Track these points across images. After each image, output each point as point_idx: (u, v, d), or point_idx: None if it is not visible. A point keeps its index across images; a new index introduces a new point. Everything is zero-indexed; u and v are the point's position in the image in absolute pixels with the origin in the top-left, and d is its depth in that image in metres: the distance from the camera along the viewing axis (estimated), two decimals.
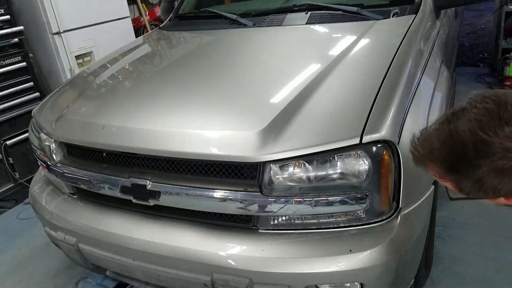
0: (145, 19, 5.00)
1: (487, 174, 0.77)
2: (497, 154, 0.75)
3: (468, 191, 0.82)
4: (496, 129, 0.75)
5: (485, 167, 0.76)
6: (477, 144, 0.76)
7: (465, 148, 0.77)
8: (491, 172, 0.76)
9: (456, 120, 0.80)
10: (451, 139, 0.80)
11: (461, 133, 0.78)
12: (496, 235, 2.23)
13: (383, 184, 1.28)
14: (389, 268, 1.30)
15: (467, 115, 0.79)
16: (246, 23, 2.30)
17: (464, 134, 0.77)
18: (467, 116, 0.79)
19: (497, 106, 0.77)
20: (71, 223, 1.69)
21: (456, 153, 0.79)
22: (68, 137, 1.72)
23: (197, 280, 1.44)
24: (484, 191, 0.80)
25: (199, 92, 1.69)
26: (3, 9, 3.01)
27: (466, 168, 0.79)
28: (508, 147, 0.74)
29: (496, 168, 0.76)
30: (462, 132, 0.78)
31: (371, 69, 1.61)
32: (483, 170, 0.77)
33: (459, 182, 0.82)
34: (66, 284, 2.29)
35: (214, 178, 1.41)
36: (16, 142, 3.13)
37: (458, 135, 0.78)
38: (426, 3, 2.08)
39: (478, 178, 0.78)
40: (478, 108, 0.78)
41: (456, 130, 0.79)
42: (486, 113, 0.77)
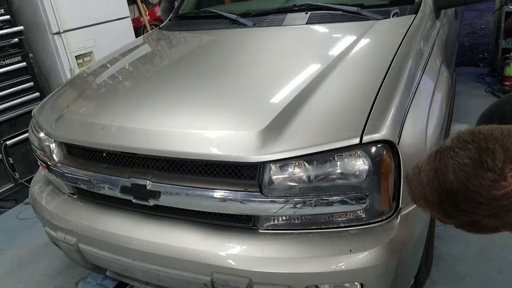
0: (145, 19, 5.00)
1: (481, 220, 0.78)
2: (487, 204, 0.75)
3: (468, 231, 0.84)
4: (480, 179, 0.75)
5: (478, 215, 0.77)
6: (466, 195, 0.76)
7: (455, 198, 0.78)
8: (485, 218, 0.78)
9: (443, 166, 0.80)
10: (441, 189, 0.80)
11: (450, 183, 0.78)
12: (496, 235, 2.22)
13: (383, 184, 1.28)
14: (389, 268, 1.30)
15: (451, 162, 0.79)
16: (246, 23, 2.30)
17: (453, 184, 0.78)
18: (452, 164, 0.79)
19: (479, 153, 0.77)
20: (71, 223, 1.69)
21: (448, 202, 0.80)
22: (68, 137, 1.72)
23: (197, 280, 1.44)
24: (484, 231, 0.82)
25: (199, 92, 1.69)
26: (3, 9, 3.01)
27: (460, 215, 0.80)
28: (496, 196, 0.74)
29: (490, 215, 0.77)
30: (450, 182, 0.78)
31: (371, 69, 1.61)
32: (477, 217, 0.78)
33: (457, 224, 0.84)
34: (66, 284, 2.29)
35: (214, 178, 1.41)
36: (16, 142, 3.13)
37: (448, 185, 0.79)
38: (426, 3, 2.08)
39: (473, 222, 0.80)
40: (460, 155, 0.78)
41: (445, 180, 0.79)
42: (469, 161, 0.77)
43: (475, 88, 4.34)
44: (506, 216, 0.76)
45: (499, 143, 0.76)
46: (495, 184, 0.74)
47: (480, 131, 0.80)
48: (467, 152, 0.78)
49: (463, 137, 0.81)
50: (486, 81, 4.49)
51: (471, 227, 0.82)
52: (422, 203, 0.86)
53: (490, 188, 0.74)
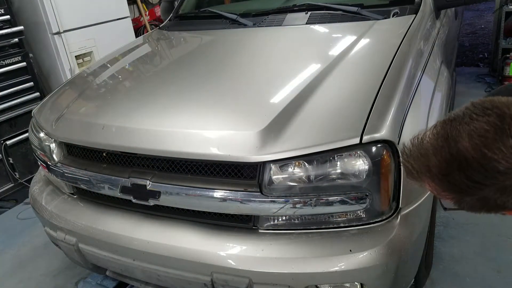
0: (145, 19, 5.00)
1: (493, 194, 0.72)
2: (504, 174, 0.69)
3: (470, 207, 0.77)
4: (501, 146, 0.68)
5: (491, 187, 0.71)
6: (481, 162, 0.70)
7: (469, 167, 0.71)
8: (497, 191, 0.71)
9: (455, 133, 0.73)
10: (451, 157, 0.72)
11: (464, 150, 0.71)
12: (496, 235, 2.23)
13: (383, 184, 1.28)
14: (389, 268, 1.30)
15: (467, 128, 0.72)
16: (246, 23, 2.30)
17: (467, 152, 0.70)
18: (467, 130, 0.72)
19: (500, 119, 0.70)
20: (71, 223, 1.69)
21: (458, 172, 0.72)
22: (68, 137, 1.72)
23: (197, 280, 1.44)
24: (488, 209, 0.76)
25: (199, 92, 1.69)
26: (3, 9, 3.01)
27: (470, 188, 0.73)
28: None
29: (503, 188, 0.71)
30: (464, 149, 0.71)
31: (371, 69, 1.61)
32: (488, 190, 0.71)
33: (461, 199, 0.77)
34: (66, 284, 2.30)
35: (214, 178, 1.41)
36: (16, 142, 3.13)
37: (460, 153, 0.71)
38: (426, 3, 2.08)
39: (482, 197, 0.73)
40: (479, 121, 0.71)
41: (457, 147, 0.71)
42: (490, 127, 0.70)
43: (475, 88, 4.34)
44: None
45: None
46: None
47: (499, 100, 0.73)
48: (487, 117, 0.71)
49: (481, 104, 0.74)
50: (486, 81, 4.49)
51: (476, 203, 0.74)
52: (421, 176, 0.78)
53: (510, 158, 0.68)
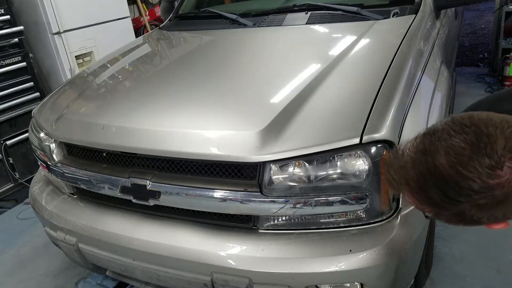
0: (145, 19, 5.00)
1: (468, 210, 0.72)
2: (479, 193, 0.70)
3: (448, 220, 0.78)
4: (476, 165, 0.69)
5: (466, 204, 0.71)
6: (458, 181, 0.70)
7: (445, 184, 0.72)
8: (472, 208, 0.72)
9: (433, 149, 0.73)
10: (428, 173, 0.73)
11: (440, 167, 0.71)
12: (496, 235, 2.23)
13: (383, 184, 1.28)
14: (389, 268, 1.30)
15: (444, 145, 0.72)
16: (246, 23, 2.30)
17: (444, 168, 0.71)
18: (445, 147, 0.72)
19: (477, 138, 0.70)
20: (71, 223, 1.69)
21: (434, 188, 0.73)
22: (68, 137, 1.72)
23: (197, 280, 1.44)
24: (464, 223, 0.76)
25: (199, 92, 1.69)
26: (3, 9, 3.01)
27: (446, 203, 0.73)
28: (490, 185, 0.69)
29: (478, 205, 0.71)
30: (441, 166, 0.71)
31: (371, 69, 1.61)
32: (463, 206, 0.72)
33: (438, 213, 0.77)
34: (66, 284, 2.30)
35: (214, 178, 1.41)
36: (16, 142, 3.13)
37: (437, 169, 0.72)
38: (426, 3, 2.08)
39: (458, 212, 0.74)
40: (456, 138, 0.72)
41: (434, 163, 0.72)
42: (466, 146, 0.70)
43: (475, 88, 4.34)
44: (495, 208, 0.71)
45: (499, 130, 0.70)
46: (491, 171, 0.68)
47: (479, 116, 0.74)
48: (464, 135, 0.71)
49: (460, 120, 0.74)
50: (486, 81, 4.49)
51: (452, 217, 0.75)
52: (400, 188, 0.79)
53: (486, 176, 0.68)
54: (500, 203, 0.71)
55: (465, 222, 0.76)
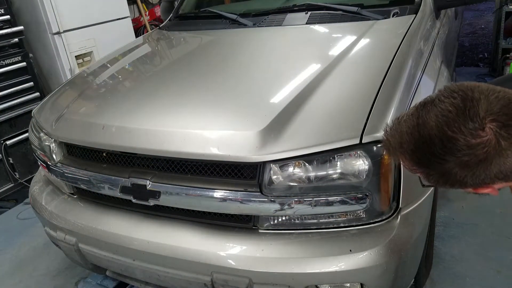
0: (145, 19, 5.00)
1: (452, 168, 0.78)
2: (461, 151, 0.76)
3: (436, 182, 0.84)
4: (460, 126, 0.75)
5: (451, 162, 0.78)
6: (443, 140, 0.77)
7: (432, 143, 0.79)
8: (456, 166, 0.78)
9: (425, 113, 0.81)
10: (418, 134, 0.81)
11: (429, 128, 0.79)
12: (496, 235, 2.23)
13: (383, 184, 1.28)
14: (389, 268, 1.30)
15: (435, 109, 0.80)
16: (246, 23, 2.30)
17: (431, 129, 0.78)
18: (434, 111, 0.79)
19: (463, 101, 0.77)
20: (71, 223, 1.69)
21: (423, 148, 0.80)
22: (68, 137, 1.72)
23: (197, 280, 1.44)
24: (451, 183, 0.82)
25: (199, 92, 1.69)
26: (3, 9, 3.01)
27: (433, 163, 0.80)
28: (472, 143, 0.75)
29: (461, 163, 0.77)
30: (430, 128, 0.79)
31: (371, 69, 1.61)
32: (449, 165, 0.78)
33: (427, 174, 0.84)
34: (66, 284, 2.29)
35: (214, 178, 1.41)
36: (16, 142, 3.13)
37: (426, 130, 0.79)
38: (426, 3, 2.08)
39: (444, 172, 0.80)
40: (445, 103, 0.79)
41: (424, 125, 0.80)
42: (453, 108, 0.77)
43: None
44: (476, 167, 0.77)
45: (484, 95, 0.77)
46: (474, 132, 0.75)
47: (468, 84, 0.81)
48: (452, 99, 0.78)
49: (450, 87, 0.82)
50: (486, 81, 4.49)
51: (440, 177, 0.82)
52: (395, 152, 0.86)
53: (468, 136, 0.75)
54: (481, 162, 0.76)
55: (451, 182, 0.82)
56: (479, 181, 0.80)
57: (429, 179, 0.85)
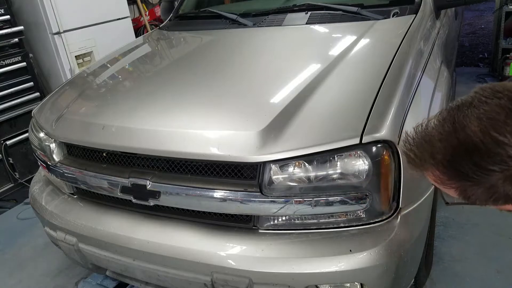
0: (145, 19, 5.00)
1: (501, 181, 0.67)
2: None
3: (476, 199, 0.72)
4: (510, 128, 0.65)
5: (499, 173, 0.67)
6: (490, 147, 0.66)
7: (476, 151, 0.67)
8: (506, 179, 0.67)
9: (462, 117, 0.69)
10: (458, 142, 0.68)
11: (471, 134, 0.67)
12: (496, 235, 2.23)
13: (383, 184, 1.28)
14: (389, 268, 1.30)
15: (476, 112, 0.68)
16: (246, 23, 2.30)
17: (476, 135, 0.67)
18: (476, 113, 0.68)
19: (511, 101, 0.67)
20: (71, 223, 1.69)
21: (464, 157, 0.68)
22: (68, 137, 1.72)
23: (197, 280, 1.44)
24: (495, 199, 0.71)
25: (199, 92, 1.69)
26: (3, 9, 3.01)
27: (476, 175, 0.68)
28: None
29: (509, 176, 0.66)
30: (472, 132, 0.67)
31: (371, 69, 1.61)
32: (497, 177, 0.67)
33: (466, 189, 0.72)
34: (66, 284, 2.29)
35: (214, 178, 1.41)
36: (16, 142, 3.13)
37: (467, 136, 0.67)
38: (426, 3, 2.08)
39: (490, 186, 0.69)
40: (489, 104, 0.68)
41: (465, 131, 0.68)
42: (500, 110, 0.66)
43: None
44: None
45: None
46: None
47: (509, 83, 0.71)
48: (497, 100, 0.68)
49: (490, 88, 0.71)
50: (486, 81, 4.49)
51: (482, 194, 0.70)
52: (424, 164, 0.74)
53: None
54: None
55: (496, 198, 0.71)
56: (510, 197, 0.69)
57: (466, 195, 0.73)
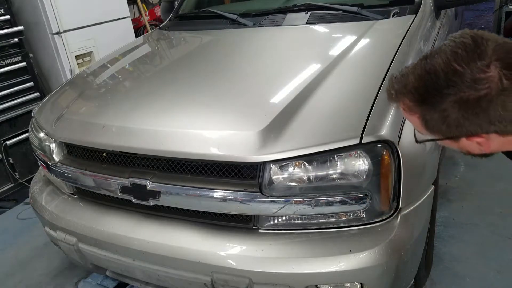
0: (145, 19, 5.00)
1: (452, 105, 0.80)
2: (465, 83, 0.78)
3: (433, 125, 0.85)
4: (469, 61, 0.78)
5: (452, 96, 0.79)
6: (448, 74, 0.79)
7: (436, 78, 0.81)
8: (456, 102, 0.79)
9: (432, 54, 0.84)
10: (425, 73, 0.83)
11: (436, 64, 0.82)
12: (495, 235, 2.23)
13: (383, 184, 1.28)
14: (389, 268, 1.30)
15: (443, 48, 0.83)
16: (246, 23, 2.30)
17: (439, 65, 0.81)
18: (443, 50, 0.83)
19: (474, 41, 0.80)
20: (71, 223, 1.69)
21: (427, 84, 0.83)
22: (68, 137, 1.72)
23: (197, 280, 1.44)
24: (448, 124, 0.83)
25: (199, 92, 1.69)
26: (3, 9, 3.01)
27: (434, 98, 0.82)
28: (477, 78, 0.77)
29: (462, 99, 0.79)
30: (437, 64, 0.81)
31: (371, 69, 1.61)
32: (449, 100, 0.80)
33: (425, 114, 0.85)
34: (66, 284, 2.29)
35: (214, 178, 1.41)
36: (16, 142, 3.13)
37: (432, 66, 0.82)
38: (426, 3, 2.08)
39: (443, 109, 0.81)
40: (455, 42, 0.82)
41: (431, 63, 0.83)
42: (463, 46, 0.80)
43: None
44: (475, 106, 0.79)
45: (494, 39, 0.81)
46: (480, 68, 0.78)
47: (480, 31, 0.84)
48: (462, 39, 0.82)
49: (460, 32, 0.85)
50: None
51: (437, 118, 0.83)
52: (397, 94, 0.89)
53: (474, 70, 0.78)
54: (481, 99, 0.78)
55: (447, 125, 0.83)
56: (474, 126, 0.81)
57: (426, 121, 0.86)
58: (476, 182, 2.70)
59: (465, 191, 2.62)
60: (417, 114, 0.87)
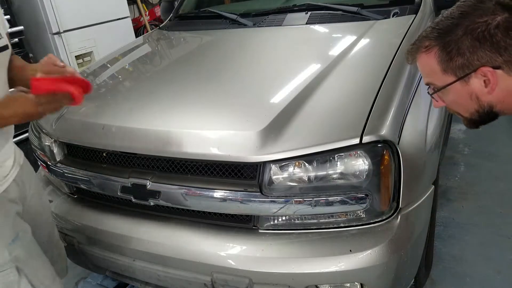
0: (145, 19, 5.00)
1: (462, 33, 0.92)
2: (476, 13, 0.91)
3: (449, 57, 0.95)
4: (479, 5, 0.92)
5: (463, 26, 0.92)
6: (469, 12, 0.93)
7: (451, 15, 0.95)
8: (467, 31, 0.92)
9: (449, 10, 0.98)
10: (442, 17, 0.98)
11: (451, 11, 0.96)
12: (496, 235, 2.23)
13: (383, 184, 1.28)
14: (389, 268, 1.30)
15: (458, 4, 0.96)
16: (246, 23, 2.30)
17: (454, 12, 0.95)
18: (457, 5, 0.96)
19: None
20: (71, 223, 1.69)
21: (443, 19, 0.97)
22: (68, 137, 1.72)
23: (197, 280, 1.44)
24: (462, 53, 0.93)
25: (199, 92, 1.69)
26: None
27: (449, 26, 0.94)
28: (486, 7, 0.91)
29: (473, 28, 0.91)
30: (452, 11, 0.96)
31: (371, 69, 1.61)
32: (461, 29, 0.92)
33: (442, 46, 0.96)
34: (66, 284, 2.28)
35: (214, 178, 1.42)
36: (16, 142, 3.10)
37: (449, 13, 0.97)
38: (426, 3, 2.09)
39: (457, 38, 0.93)
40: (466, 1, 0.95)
41: (447, 11, 0.97)
42: (472, 2, 0.93)
43: None
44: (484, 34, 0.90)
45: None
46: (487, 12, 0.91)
47: None
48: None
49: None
50: None
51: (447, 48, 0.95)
52: (417, 42, 1.01)
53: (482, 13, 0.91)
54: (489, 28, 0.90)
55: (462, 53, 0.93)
56: (485, 56, 0.91)
57: (442, 60, 0.96)
58: (476, 182, 2.70)
59: (465, 191, 2.62)
60: (434, 49, 0.97)
